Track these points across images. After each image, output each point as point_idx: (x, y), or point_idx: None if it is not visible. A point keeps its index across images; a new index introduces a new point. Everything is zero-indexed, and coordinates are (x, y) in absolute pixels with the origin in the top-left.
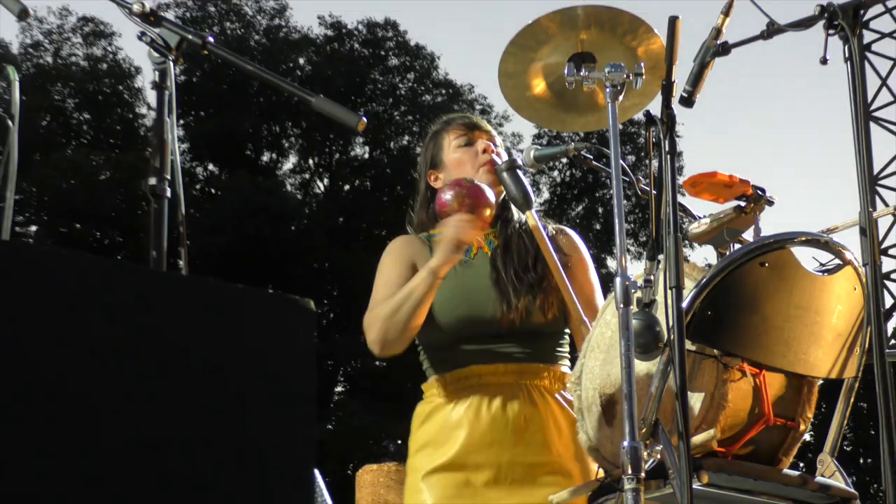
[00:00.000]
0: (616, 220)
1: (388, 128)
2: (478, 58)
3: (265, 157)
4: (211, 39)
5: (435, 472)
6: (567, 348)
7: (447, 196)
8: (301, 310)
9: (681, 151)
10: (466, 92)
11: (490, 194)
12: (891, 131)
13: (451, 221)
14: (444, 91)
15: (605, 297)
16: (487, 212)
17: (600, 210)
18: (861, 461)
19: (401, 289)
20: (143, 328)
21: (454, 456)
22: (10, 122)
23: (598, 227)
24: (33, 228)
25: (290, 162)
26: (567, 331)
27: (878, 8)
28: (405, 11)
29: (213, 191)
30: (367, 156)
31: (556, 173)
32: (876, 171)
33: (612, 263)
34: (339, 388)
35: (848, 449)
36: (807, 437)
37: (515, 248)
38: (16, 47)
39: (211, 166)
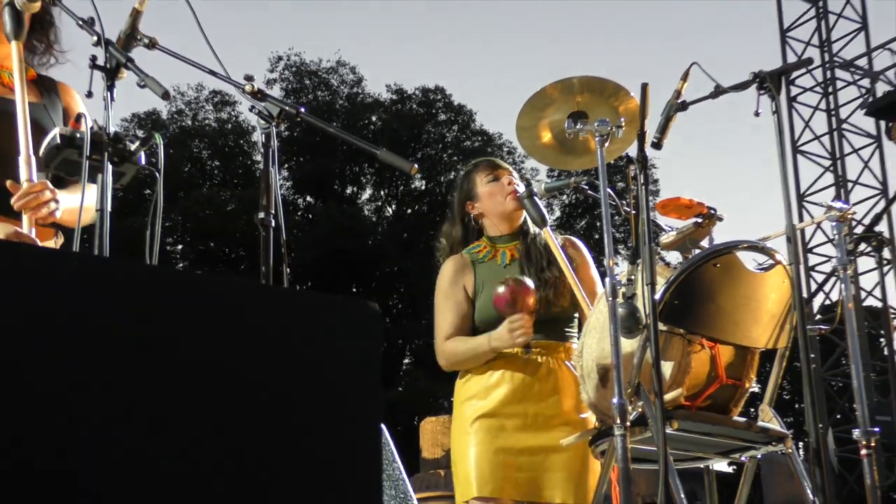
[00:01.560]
0: (605, 234)
1: (439, 166)
2: (505, 112)
3: (348, 191)
4: (303, 110)
5: (478, 419)
6: (575, 329)
7: (502, 294)
8: (369, 310)
9: (657, 179)
10: (497, 138)
11: (530, 283)
12: (814, 161)
13: (510, 326)
14: (480, 138)
15: (601, 288)
16: (531, 300)
17: (598, 224)
18: (796, 406)
19: (463, 329)
20: (251, 327)
21: (493, 408)
22: (157, 174)
23: (596, 236)
24: (179, 247)
25: (366, 193)
26: (576, 315)
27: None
28: (451, 78)
29: (310, 216)
30: (423, 187)
31: (565, 197)
32: (803, 190)
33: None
34: (406, 361)
35: (787, 398)
36: (755, 389)
37: (534, 255)
38: (164, 114)
39: (308, 198)
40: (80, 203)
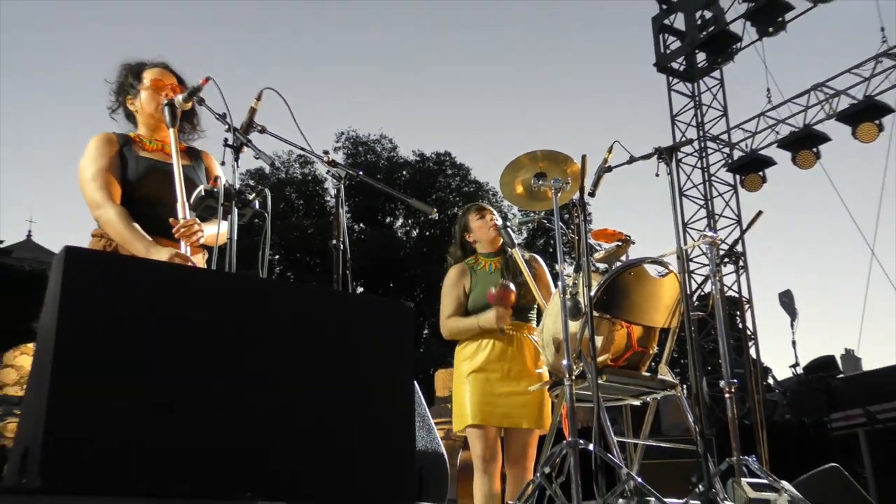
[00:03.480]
0: (558, 251)
1: (446, 204)
2: (492, 168)
3: (387, 220)
4: (360, 173)
5: (471, 373)
6: (534, 315)
7: (494, 293)
8: (405, 307)
9: (591, 214)
10: (485, 186)
11: (513, 287)
12: (693, 201)
13: (497, 311)
14: (474, 185)
15: (555, 288)
16: (512, 298)
17: (552, 244)
18: (682, 362)
19: (460, 311)
20: (320, 324)
21: (480, 366)
22: (266, 214)
23: (551, 250)
24: (277, 257)
25: (399, 222)
26: (535, 305)
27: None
28: (455, 145)
29: (363, 237)
30: (437, 218)
31: (531, 226)
32: (686, 221)
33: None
34: (425, 332)
35: (676, 357)
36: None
37: (511, 267)
38: (268, 170)
39: (362, 224)
40: (217, 233)
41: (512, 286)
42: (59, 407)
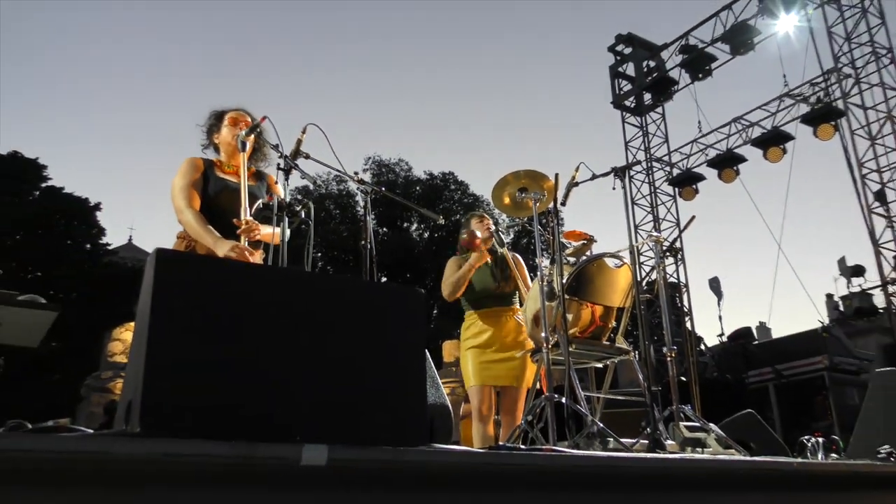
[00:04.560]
0: (537, 248)
1: (450, 212)
2: (486, 184)
3: (405, 225)
4: (383, 189)
5: (472, 347)
6: (517, 300)
7: (464, 238)
8: (416, 293)
9: (563, 219)
10: (481, 198)
11: (479, 234)
12: (642, 208)
13: (474, 253)
14: (472, 198)
15: (532, 279)
16: (478, 239)
17: (532, 242)
18: (634, 333)
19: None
20: (352, 305)
21: (480, 343)
22: (310, 221)
23: (532, 247)
24: (319, 254)
25: (413, 226)
26: (517, 291)
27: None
28: (458, 165)
29: (385, 238)
30: (443, 223)
31: (517, 228)
32: (637, 223)
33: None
34: (435, 311)
35: (630, 329)
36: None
37: (500, 261)
38: (311, 187)
39: (385, 228)
40: (273, 233)
41: (479, 232)
42: (153, 371)
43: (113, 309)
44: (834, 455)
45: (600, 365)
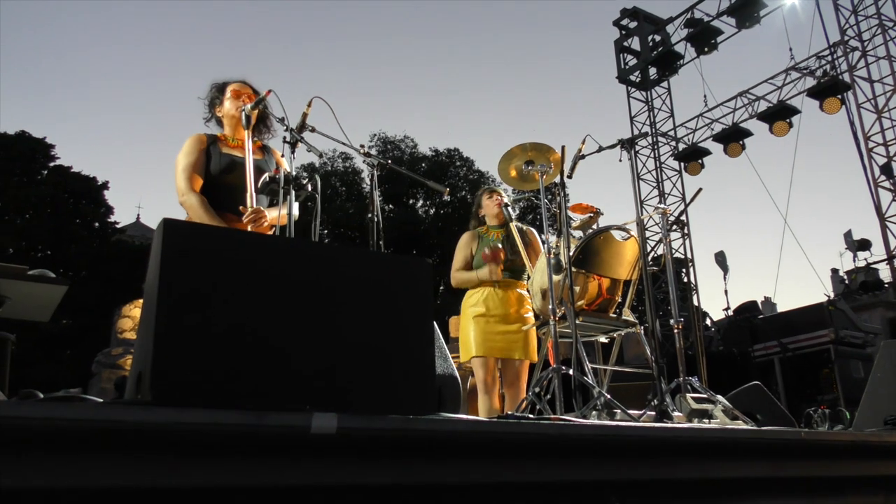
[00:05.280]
0: (544, 221)
1: (455, 188)
2: (491, 158)
3: (410, 201)
4: (389, 162)
5: (476, 317)
6: (525, 274)
7: (487, 253)
8: (424, 264)
9: (568, 193)
10: (486, 174)
11: (502, 250)
12: (648, 183)
13: (490, 267)
14: (476, 173)
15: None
16: (502, 255)
17: (539, 216)
18: (640, 308)
19: (466, 267)
20: (361, 275)
21: (483, 312)
22: (317, 196)
23: (537, 223)
24: (325, 232)
25: (419, 202)
26: (524, 266)
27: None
28: (462, 141)
29: (391, 215)
30: (448, 199)
31: (522, 203)
32: (643, 198)
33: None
34: (441, 288)
35: (635, 305)
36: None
37: (510, 237)
38: (317, 163)
39: (391, 205)
40: (279, 215)
41: (500, 246)
42: (163, 339)
43: (122, 286)
44: (840, 426)
45: (606, 339)
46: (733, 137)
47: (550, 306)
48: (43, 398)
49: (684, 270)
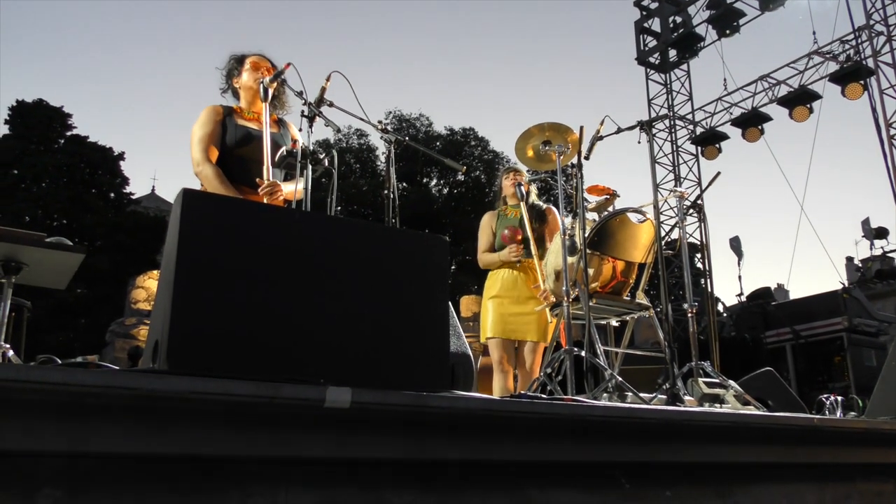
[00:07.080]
0: (560, 202)
1: (470, 168)
2: (506, 138)
3: (425, 180)
4: (406, 138)
5: (492, 298)
6: (543, 252)
7: (506, 234)
8: (440, 240)
9: (585, 171)
10: (501, 154)
11: (518, 230)
12: (664, 167)
13: (510, 248)
14: (491, 154)
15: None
16: (519, 237)
17: (555, 196)
18: (652, 292)
19: (489, 248)
20: (377, 250)
21: (498, 293)
22: (333, 171)
23: (554, 202)
24: (339, 208)
25: (433, 181)
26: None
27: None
28: (477, 120)
29: (405, 193)
30: (462, 179)
31: (540, 183)
32: (658, 181)
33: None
34: (454, 267)
35: (647, 289)
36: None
37: (529, 215)
38: (332, 139)
39: (405, 184)
40: (295, 189)
41: (517, 227)
42: (180, 309)
43: (137, 257)
44: (853, 413)
45: (617, 323)
46: (752, 122)
47: (564, 287)
48: (61, 363)
49: (699, 255)
